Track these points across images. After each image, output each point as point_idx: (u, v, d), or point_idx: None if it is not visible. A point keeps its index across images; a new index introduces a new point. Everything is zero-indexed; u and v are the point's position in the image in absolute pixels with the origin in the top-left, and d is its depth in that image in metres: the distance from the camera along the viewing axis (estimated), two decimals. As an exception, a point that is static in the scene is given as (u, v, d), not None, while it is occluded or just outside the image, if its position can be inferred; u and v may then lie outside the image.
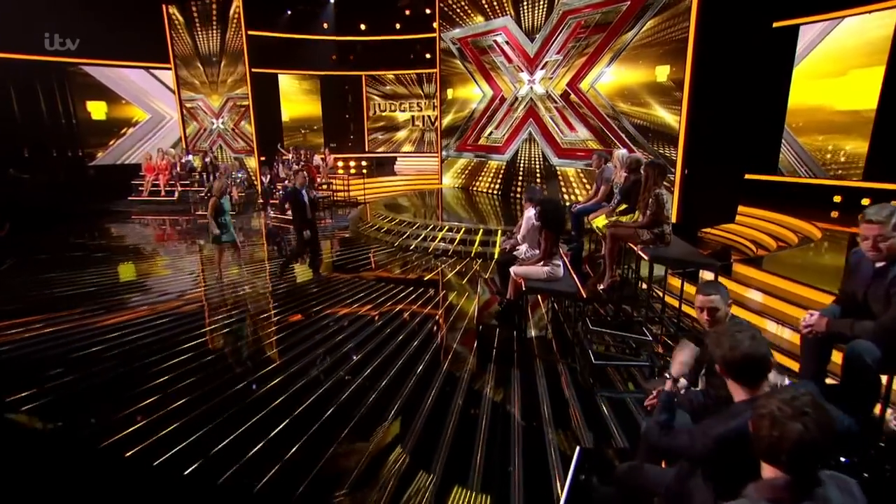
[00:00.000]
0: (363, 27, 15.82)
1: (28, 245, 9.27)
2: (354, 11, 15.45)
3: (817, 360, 2.63)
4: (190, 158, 14.28)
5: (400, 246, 8.75)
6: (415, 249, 8.53)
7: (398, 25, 15.71)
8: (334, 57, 15.75)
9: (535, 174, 10.94)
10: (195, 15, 14.39)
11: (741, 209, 7.95)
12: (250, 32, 13.87)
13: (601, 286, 4.58)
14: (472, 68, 12.23)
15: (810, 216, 7.28)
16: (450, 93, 13.28)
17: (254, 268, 7.67)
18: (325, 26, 15.47)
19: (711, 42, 7.09)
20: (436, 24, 12.99)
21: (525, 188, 5.44)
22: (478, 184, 12.71)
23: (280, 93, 15.43)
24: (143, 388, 4.07)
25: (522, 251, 5.24)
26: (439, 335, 5.06)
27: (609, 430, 3.48)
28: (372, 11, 15.55)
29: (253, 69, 14.15)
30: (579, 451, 3.12)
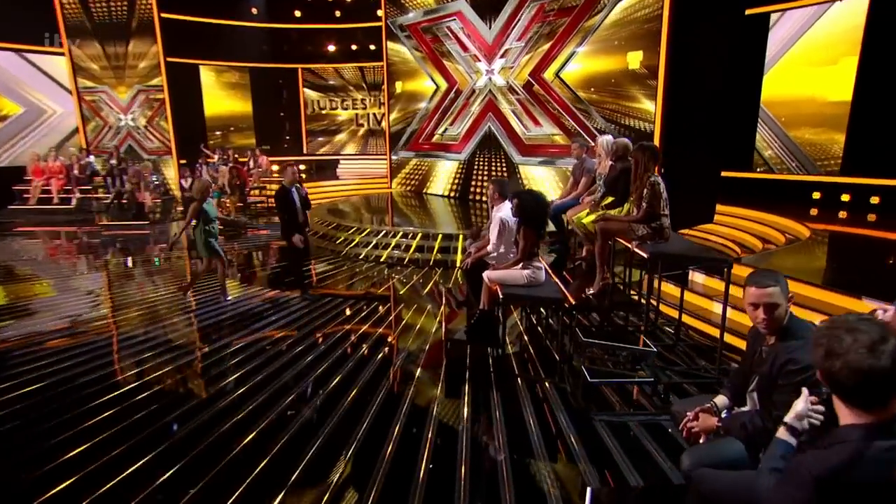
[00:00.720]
0: (298, 14, 15.20)
1: None
2: (288, -4, 14.86)
3: None
4: (91, 160, 13.01)
5: (347, 255, 8.20)
6: (365, 259, 8.00)
7: (338, 13, 15.21)
8: (266, 47, 15.01)
9: (498, 174, 10.70)
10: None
11: (718, 208, 7.96)
12: (163, 15, 12.91)
13: (590, 291, 4.24)
14: (424, 58, 11.92)
15: (789, 214, 7.35)
16: (398, 86, 12.91)
17: (180, 283, 6.84)
18: (255, 12, 14.73)
19: (686, 26, 7.09)
20: (381, 12, 12.62)
21: (491, 182, 5.04)
22: (432, 186, 12.36)
23: (202, 86, 14.46)
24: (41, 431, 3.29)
25: (494, 255, 4.84)
26: (399, 359, 4.54)
27: (615, 463, 3.09)
28: (308, -4, 15.02)
29: (168, 58, 13.17)
30: (591, 496, 2.69)
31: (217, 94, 14.82)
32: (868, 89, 7.60)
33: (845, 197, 7.94)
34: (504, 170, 10.56)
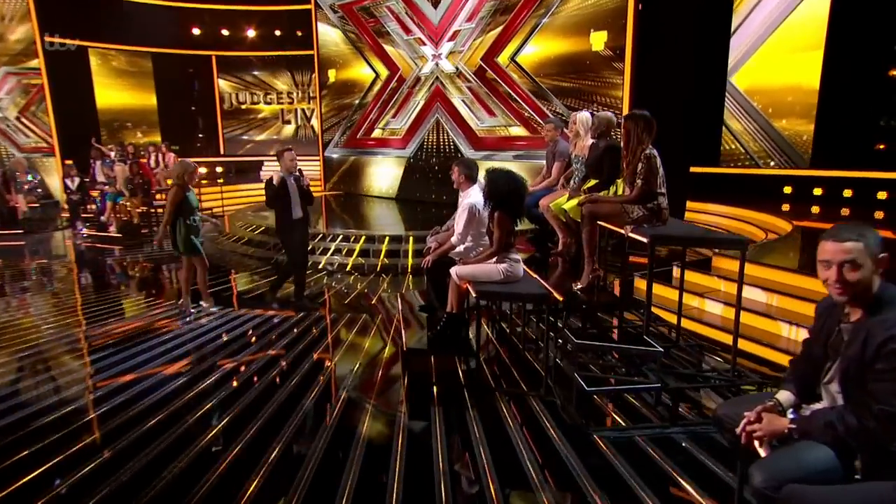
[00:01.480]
0: (213, -7, 14.41)
1: None
2: (200, -29, 14.08)
3: None
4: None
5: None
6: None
7: (260, -7, 14.57)
8: (173, 30, 14.20)
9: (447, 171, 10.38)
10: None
11: (688, 205, 8.00)
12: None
13: (578, 285, 3.93)
14: (361, 43, 11.57)
15: (761, 209, 7.46)
16: (331, 75, 12.46)
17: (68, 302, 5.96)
18: (159, -13, 13.81)
19: (655, 2, 7.10)
20: (310, -8, 12.17)
21: (457, 164, 4.69)
22: (373, 187, 11.99)
23: (92, 73, 13.29)
24: None
25: (460, 249, 4.45)
26: (347, 383, 4.01)
27: (628, 486, 2.74)
28: (224, -27, 14.30)
29: (48, 37, 11.95)
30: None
31: (111, 83, 13.78)
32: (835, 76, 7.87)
33: (818, 191, 8.15)
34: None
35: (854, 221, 1.82)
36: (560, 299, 3.68)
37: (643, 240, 3.50)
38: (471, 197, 4.44)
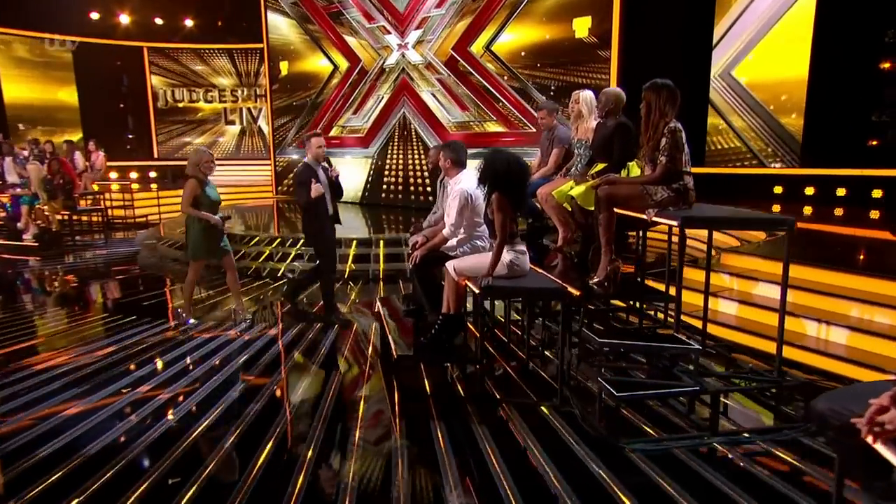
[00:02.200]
0: (144, -23, 13.96)
1: None
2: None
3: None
4: None
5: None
6: (255, 275, 6.97)
7: (200, -22, 14.21)
8: (95, 16, 13.63)
9: (417, 171, 10.17)
10: None
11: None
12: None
13: (594, 278, 3.70)
14: (317, 32, 11.34)
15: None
16: (283, 67, 12.19)
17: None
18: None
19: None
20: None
21: (442, 147, 4.48)
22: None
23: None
24: None
25: (454, 243, 4.19)
26: (323, 410, 3.63)
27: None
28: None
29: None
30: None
31: (20, 75, 13.17)
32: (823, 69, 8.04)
33: (809, 190, 8.29)
34: (425, 166, 10.07)
35: None
36: (577, 294, 3.44)
37: (672, 223, 3.31)
38: (462, 182, 4.20)
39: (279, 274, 6.93)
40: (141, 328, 5.01)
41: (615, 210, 3.65)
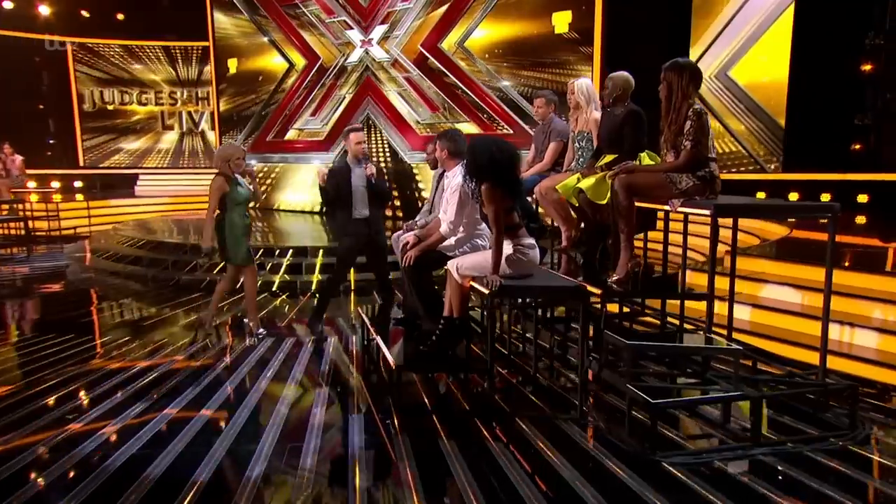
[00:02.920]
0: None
1: None
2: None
3: None
4: None
5: (180, 285, 6.98)
6: (206, 288, 6.64)
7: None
8: (9, 5, 13.31)
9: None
10: None
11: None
12: None
13: (613, 276, 3.59)
14: (271, 26, 11.23)
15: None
16: (232, 65, 12.04)
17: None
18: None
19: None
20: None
21: (438, 138, 4.37)
22: (286, 201, 11.63)
23: None
24: None
25: (452, 242, 4.04)
26: (315, 420, 3.38)
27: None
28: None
29: None
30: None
31: None
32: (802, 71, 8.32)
33: (794, 196, 8.49)
34: (393, 170, 9.96)
35: None
36: (598, 292, 3.31)
37: (703, 213, 3.23)
38: (459, 176, 4.04)
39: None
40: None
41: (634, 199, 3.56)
